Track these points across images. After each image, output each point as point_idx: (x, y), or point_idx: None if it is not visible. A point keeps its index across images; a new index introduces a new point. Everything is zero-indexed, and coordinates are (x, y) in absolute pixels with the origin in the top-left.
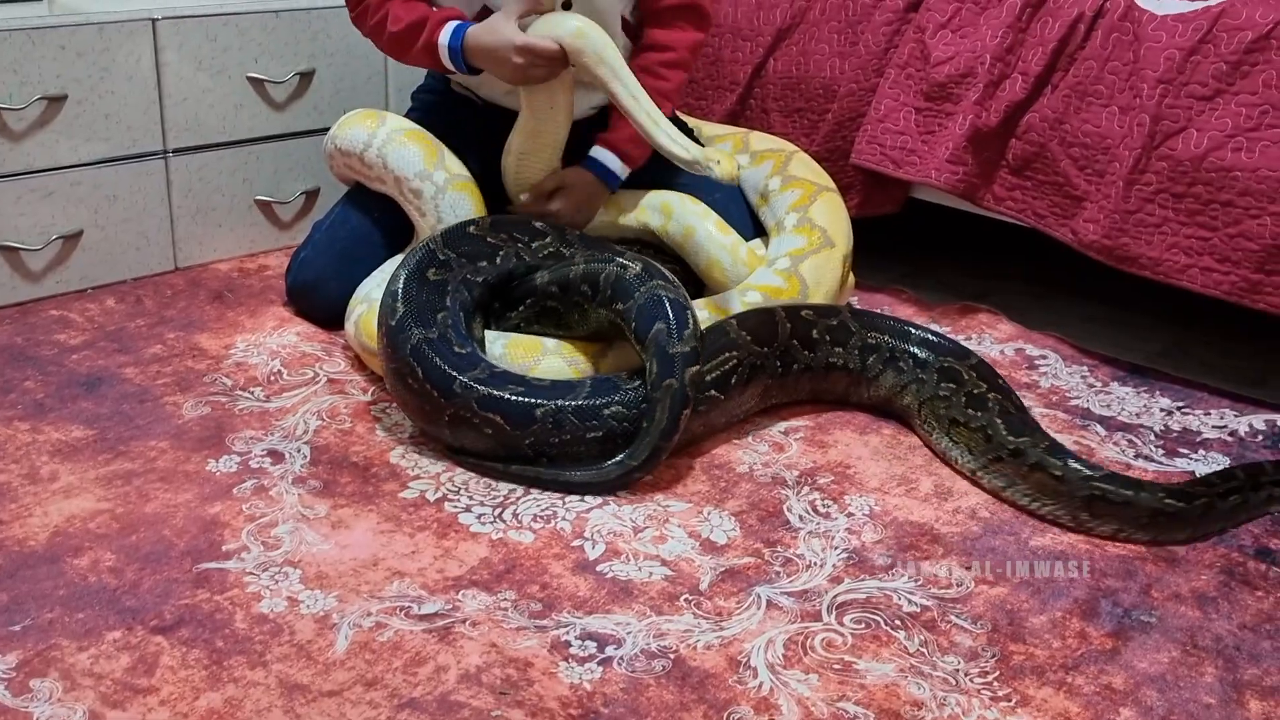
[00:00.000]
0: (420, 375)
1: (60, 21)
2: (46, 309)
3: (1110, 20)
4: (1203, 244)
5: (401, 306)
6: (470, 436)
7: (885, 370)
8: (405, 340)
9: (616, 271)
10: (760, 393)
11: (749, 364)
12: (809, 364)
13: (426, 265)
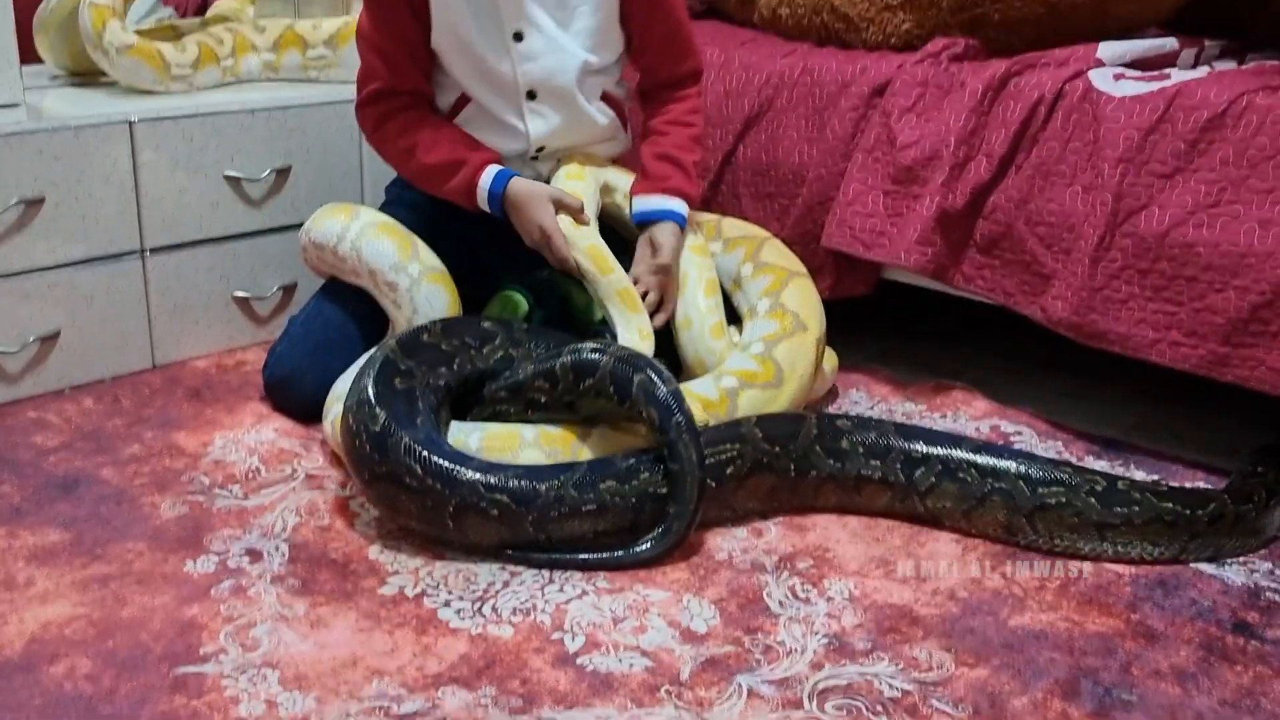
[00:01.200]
0: (420, 473)
1: (38, 126)
2: (24, 411)
3: (1070, 102)
4: (1169, 319)
5: (382, 413)
6: (476, 524)
7: (942, 482)
8: (396, 443)
9: (605, 361)
10: (765, 493)
11: (752, 459)
12: (832, 473)
13: (392, 375)
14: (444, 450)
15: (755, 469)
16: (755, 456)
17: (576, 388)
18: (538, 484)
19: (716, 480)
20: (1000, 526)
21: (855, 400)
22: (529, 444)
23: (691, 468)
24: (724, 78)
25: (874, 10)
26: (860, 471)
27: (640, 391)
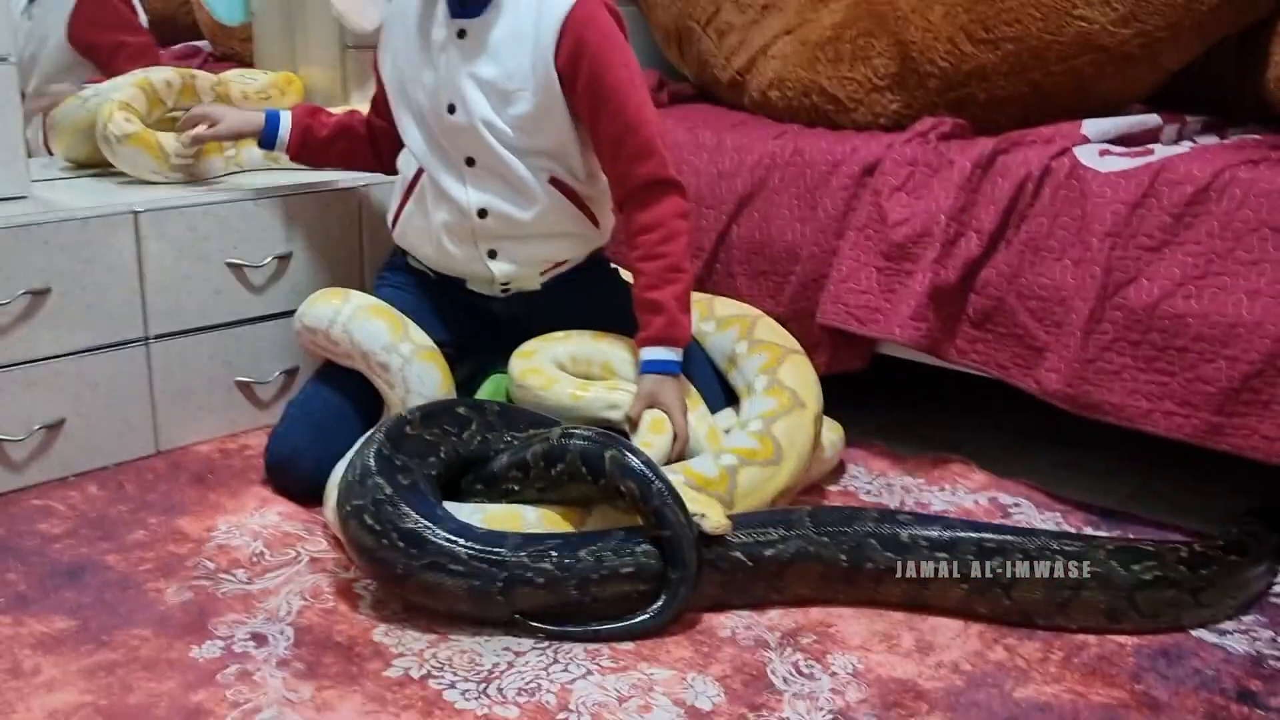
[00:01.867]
0: (465, 557)
1: (45, 218)
2: (29, 498)
3: (1057, 179)
4: (1162, 389)
5: (408, 509)
6: (524, 593)
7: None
8: (433, 535)
9: (574, 444)
10: (816, 581)
11: (797, 545)
12: (891, 567)
13: (395, 471)
14: (479, 534)
15: (800, 556)
16: (801, 543)
17: (549, 474)
18: (578, 551)
19: (753, 560)
20: (1101, 613)
21: (854, 475)
22: (531, 525)
23: (682, 529)
24: (717, 159)
25: (862, 91)
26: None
27: (614, 466)
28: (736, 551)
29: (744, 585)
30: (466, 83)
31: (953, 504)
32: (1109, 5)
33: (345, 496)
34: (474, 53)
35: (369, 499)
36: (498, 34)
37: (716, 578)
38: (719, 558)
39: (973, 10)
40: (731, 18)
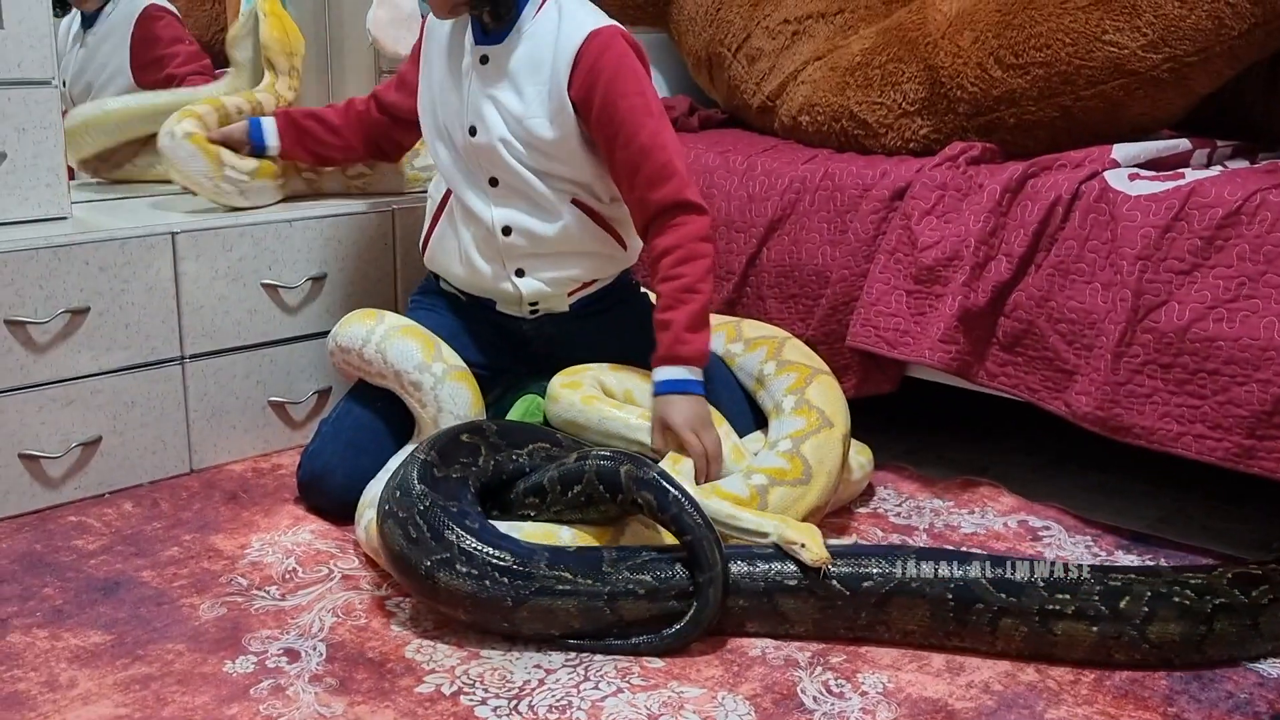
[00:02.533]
0: (572, 578)
1: (85, 238)
2: (65, 515)
3: (1086, 202)
4: (1193, 412)
5: (507, 544)
6: (629, 607)
7: (1158, 609)
8: (538, 564)
9: (589, 465)
10: (924, 620)
11: (898, 577)
12: (1006, 607)
13: (462, 516)
14: (573, 555)
15: (903, 590)
16: (903, 577)
17: (565, 497)
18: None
19: (850, 590)
20: (1233, 644)
21: (883, 498)
22: (565, 544)
23: (703, 532)
24: (748, 183)
25: (892, 116)
26: (1046, 606)
27: (629, 480)
28: (834, 580)
29: (845, 614)
30: (487, 106)
31: (982, 527)
32: (1139, 30)
33: (420, 551)
34: (495, 78)
35: (455, 550)
36: (517, 62)
37: (814, 604)
38: (816, 585)
39: (1002, 36)
40: (762, 44)
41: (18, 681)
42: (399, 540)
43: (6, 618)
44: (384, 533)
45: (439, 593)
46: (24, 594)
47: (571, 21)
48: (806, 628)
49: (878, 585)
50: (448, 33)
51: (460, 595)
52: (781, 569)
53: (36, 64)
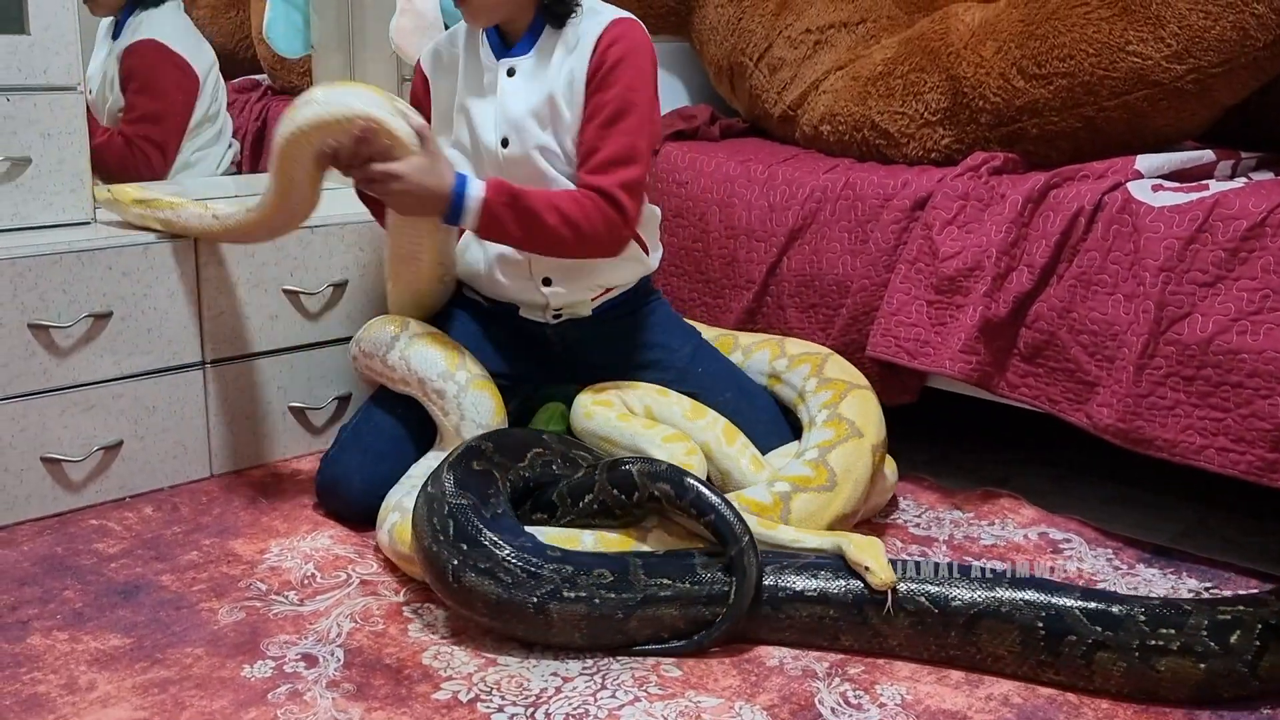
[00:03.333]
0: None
1: (108, 243)
2: (86, 518)
3: (1109, 213)
4: (1216, 425)
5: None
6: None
7: (1271, 641)
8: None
9: (599, 474)
10: (1014, 647)
11: (989, 599)
12: (1102, 641)
13: (474, 515)
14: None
15: (991, 613)
16: (994, 600)
17: (576, 508)
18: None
19: (939, 607)
20: None
21: (903, 509)
22: (588, 548)
23: (725, 508)
24: (768, 193)
25: (914, 126)
26: (1148, 643)
27: (641, 477)
28: (923, 596)
29: (936, 632)
30: (519, 116)
31: (1002, 539)
32: (1163, 41)
33: (466, 554)
34: (525, 88)
35: (482, 543)
36: (546, 67)
37: (905, 620)
38: (906, 599)
39: (1025, 46)
40: (783, 53)
41: (37, 684)
42: (487, 585)
43: (27, 620)
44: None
45: (502, 610)
46: (45, 596)
47: (593, 18)
48: (899, 643)
49: (966, 605)
50: (462, 49)
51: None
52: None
53: (62, 70)
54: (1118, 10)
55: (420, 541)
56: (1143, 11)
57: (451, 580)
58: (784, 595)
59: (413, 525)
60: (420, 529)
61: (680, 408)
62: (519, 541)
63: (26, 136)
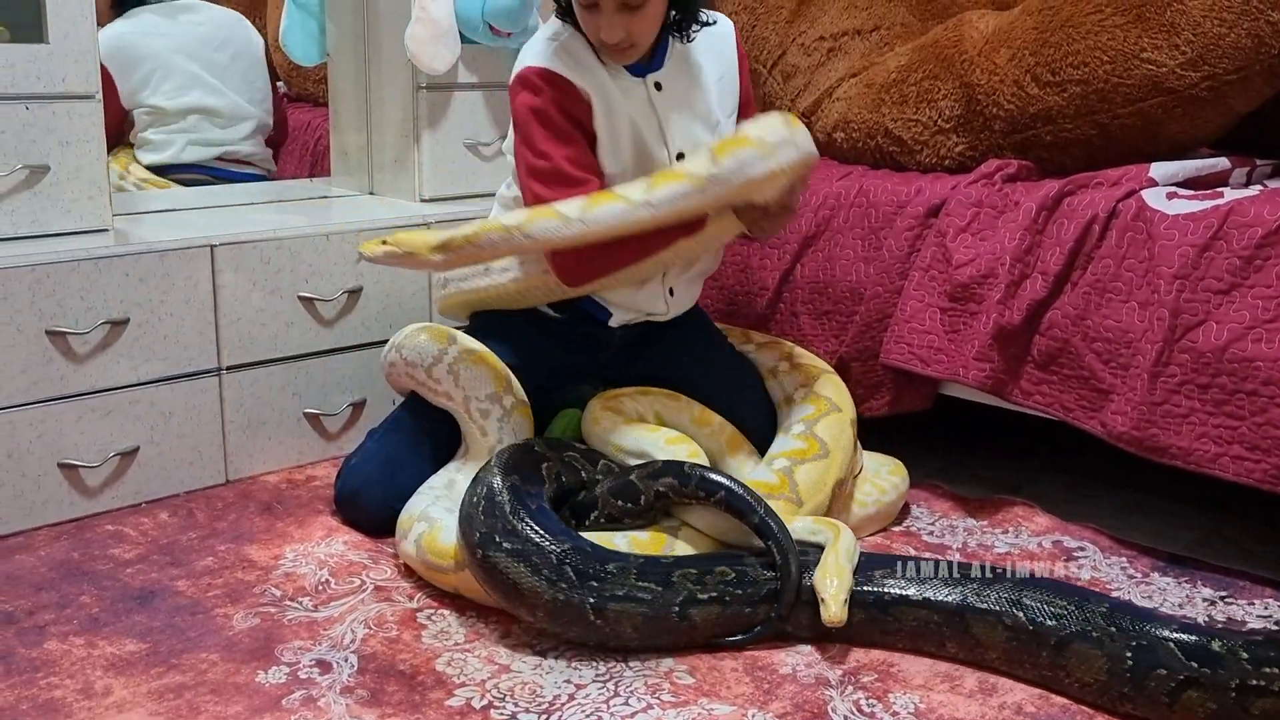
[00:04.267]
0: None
1: (125, 250)
2: (102, 524)
3: (1123, 221)
4: (1231, 433)
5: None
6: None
7: None
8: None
9: (600, 489)
10: (1098, 674)
11: (1080, 624)
12: (1195, 677)
13: (521, 499)
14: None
15: (1081, 637)
16: (1085, 625)
17: (584, 525)
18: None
19: (1032, 624)
20: None
21: (916, 516)
22: (621, 550)
23: (732, 484)
24: None
25: (928, 134)
26: (1248, 682)
27: (641, 481)
28: (1020, 611)
29: (1030, 649)
30: (686, 125)
31: (1016, 547)
32: (1177, 49)
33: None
34: (680, 96)
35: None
36: (695, 71)
37: (1002, 632)
38: (1005, 612)
39: (1039, 53)
40: (797, 60)
41: (54, 689)
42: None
43: (44, 625)
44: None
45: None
46: (61, 601)
47: (710, 19)
48: (998, 656)
49: (1058, 627)
50: (589, 79)
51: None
52: (979, 590)
53: (80, 79)
54: (1132, 18)
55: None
56: (1157, 19)
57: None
58: (890, 599)
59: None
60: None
61: (689, 414)
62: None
63: (45, 144)
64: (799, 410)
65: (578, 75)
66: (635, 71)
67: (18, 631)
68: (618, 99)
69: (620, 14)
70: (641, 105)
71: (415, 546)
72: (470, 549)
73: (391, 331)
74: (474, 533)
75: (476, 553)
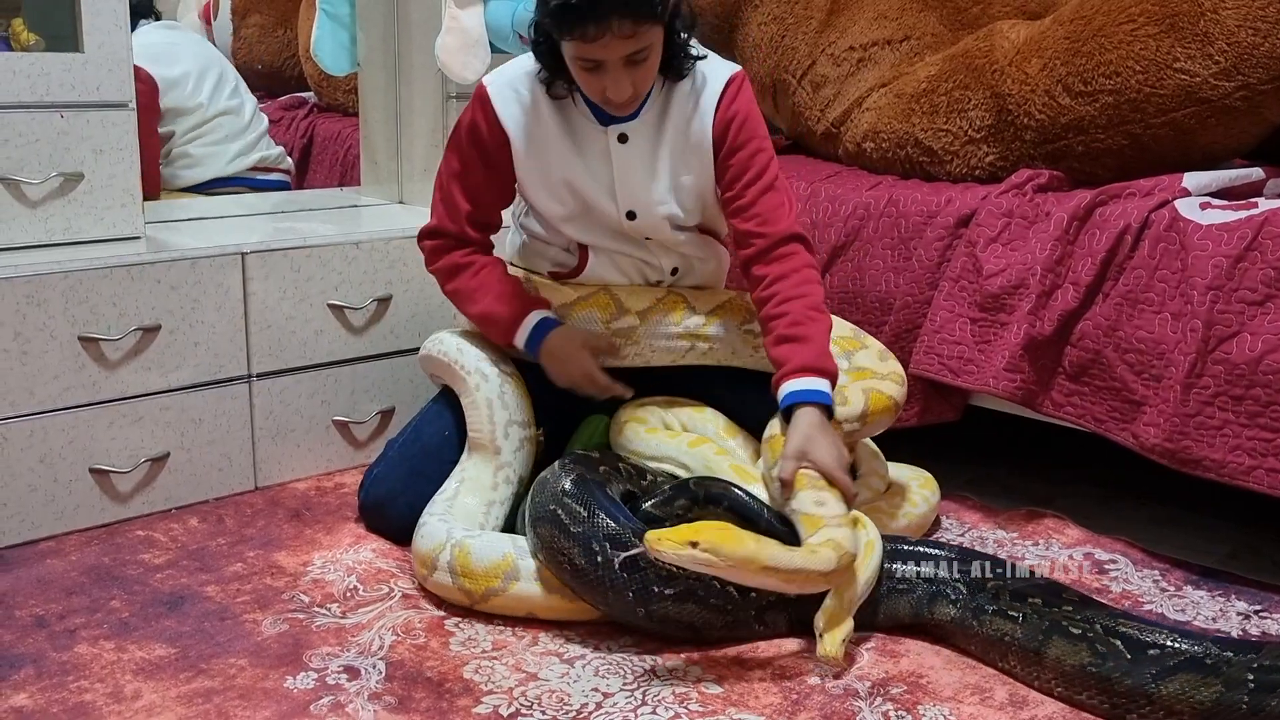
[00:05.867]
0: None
1: (157, 257)
2: (133, 529)
3: (1156, 231)
4: (1265, 445)
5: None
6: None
7: None
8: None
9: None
10: (1203, 706)
11: (1198, 651)
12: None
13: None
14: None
15: (1195, 666)
16: (1201, 652)
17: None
18: None
19: (1137, 649)
20: None
21: (946, 528)
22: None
23: (735, 496)
24: (811, 209)
25: (958, 144)
26: None
27: (659, 508)
28: (1132, 630)
29: (1130, 670)
30: (641, 185)
31: (1046, 559)
32: (1211, 58)
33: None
34: (643, 154)
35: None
36: (665, 130)
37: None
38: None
39: (1071, 63)
40: (827, 71)
41: (84, 692)
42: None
43: (74, 629)
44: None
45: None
46: (92, 606)
47: (709, 69)
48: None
49: (1164, 655)
50: (547, 123)
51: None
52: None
53: (114, 87)
54: (1165, 27)
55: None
56: (1191, 28)
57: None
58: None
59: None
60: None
61: (715, 425)
62: None
63: (79, 152)
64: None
65: (520, 127)
66: (601, 120)
67: (49, 635)
68: (559, 146)
69: (626, 70)
70: (597, 155)
71: (450, 574)
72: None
73: (420, 340)
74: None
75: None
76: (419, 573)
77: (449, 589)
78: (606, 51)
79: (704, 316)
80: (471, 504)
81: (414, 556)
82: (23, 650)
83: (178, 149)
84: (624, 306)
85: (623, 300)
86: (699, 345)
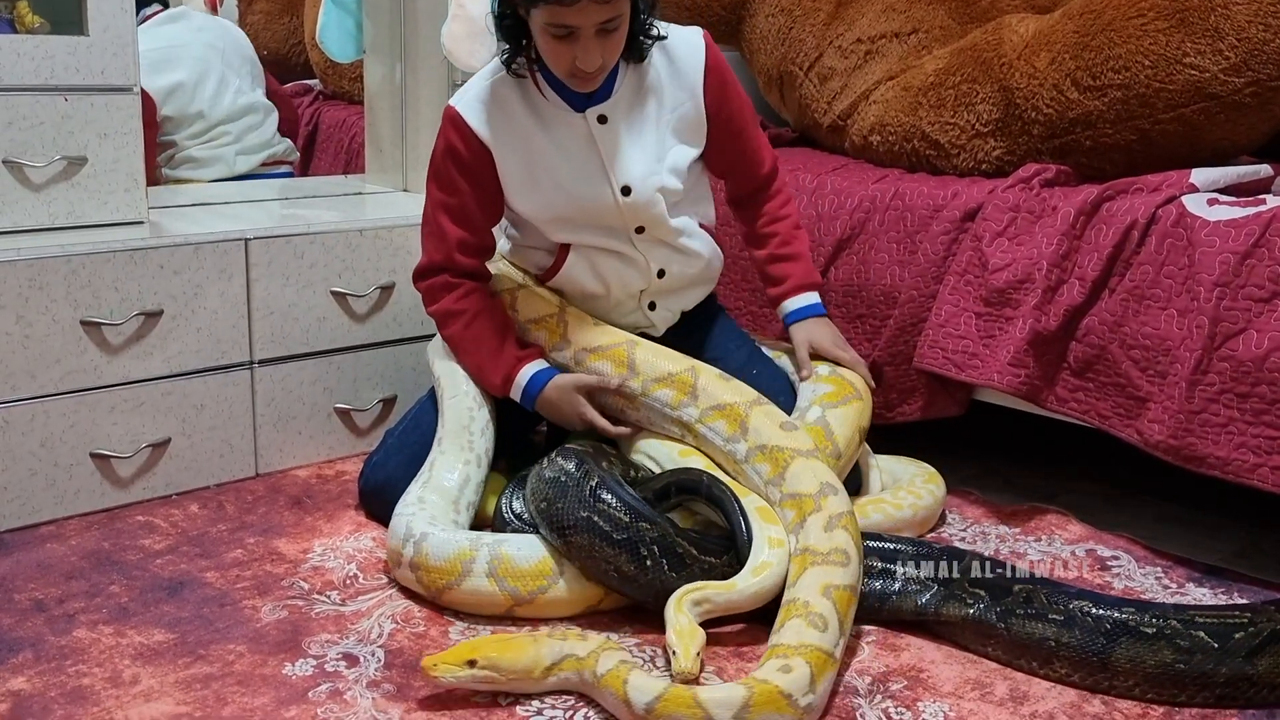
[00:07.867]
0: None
1: (160, 243)
2: (133, 514)
3: (1163, 227)
4: (1270, 442)
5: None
6: None
7: None
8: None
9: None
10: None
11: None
12: None
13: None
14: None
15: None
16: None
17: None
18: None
19: (1219, 638)
20: None
21: (949, 523)
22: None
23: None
24: (816, 202)
25: (965, 137)
26: None
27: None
28: (1200, 631)
29: (1201, 666)
30: (632, 161)
31: (1049, 555)
32: (1221, 54)
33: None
34: (627, 131)
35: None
36: (644, 103)
37: (1170, 653)
38: (1176, 633)
39: (1080, 57)
40: (834, 63)
41: (82, 676)
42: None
43: (74, 613)
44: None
45: None
46: (91, 590)
47: (677, 39)
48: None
49: (1247, 640)
50: (518, 117)
51: None
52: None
53: (119, 71)
54: (1175, 22)
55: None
56: (1200, 23)
57: None
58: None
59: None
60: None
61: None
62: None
63: (83, 136)
64: (821, 368)
65: (486, 126)
66: (576, 106)
67: (47, 619)
68: (539, 144)
69: (597, 39)
70: (580, 141)
71: (468, 591)
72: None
73: (423, 328)
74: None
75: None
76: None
77: (471, 600)
78: (581, 17)
79: (699, 411)
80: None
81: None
82: (21, 634)
83: (180, 155)
84: (636, 370)
85: (635, 362)
86: (688, 438)
